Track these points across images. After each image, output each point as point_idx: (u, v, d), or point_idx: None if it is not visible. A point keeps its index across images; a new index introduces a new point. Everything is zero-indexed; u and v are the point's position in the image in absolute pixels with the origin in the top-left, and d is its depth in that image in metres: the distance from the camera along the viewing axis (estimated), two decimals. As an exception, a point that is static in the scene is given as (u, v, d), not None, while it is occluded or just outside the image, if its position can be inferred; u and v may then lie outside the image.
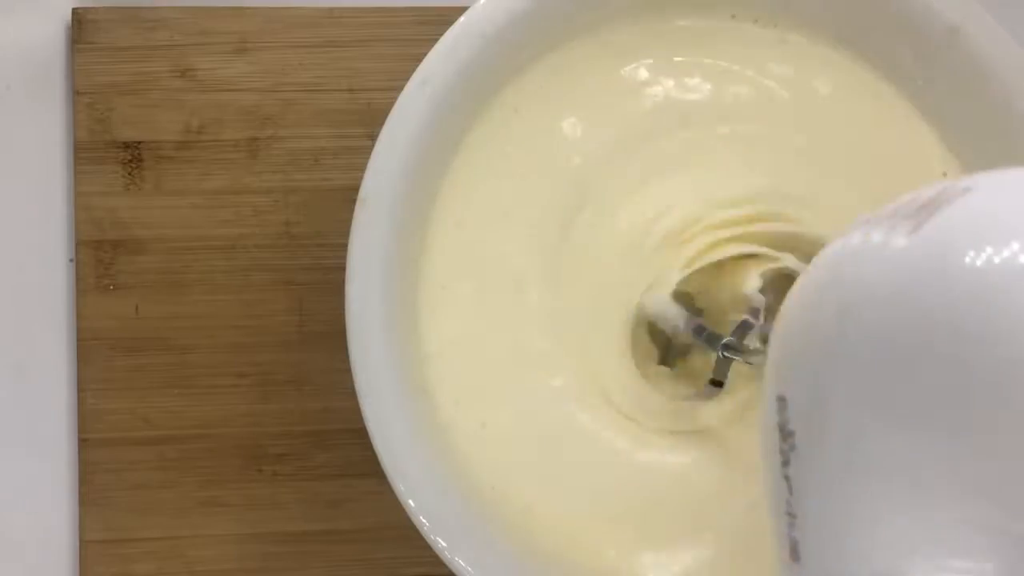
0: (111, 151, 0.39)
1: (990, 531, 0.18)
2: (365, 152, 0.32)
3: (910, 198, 0.21)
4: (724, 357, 0.32)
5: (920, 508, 0.19)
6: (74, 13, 0.39)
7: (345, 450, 0.39)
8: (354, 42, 0.40)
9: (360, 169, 0.32)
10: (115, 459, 0.39)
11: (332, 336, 0.37)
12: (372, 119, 0.40)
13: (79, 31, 0.39)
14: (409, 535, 0.31)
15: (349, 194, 0.32)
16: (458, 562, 0.31)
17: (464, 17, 0.32)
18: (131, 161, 0.39)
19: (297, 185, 0.40)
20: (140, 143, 0.39)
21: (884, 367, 0.19)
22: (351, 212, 0.31)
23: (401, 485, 0.31)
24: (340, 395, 0.39)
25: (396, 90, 0.32)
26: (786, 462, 0.21)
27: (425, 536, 0.31)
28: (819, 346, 0.20)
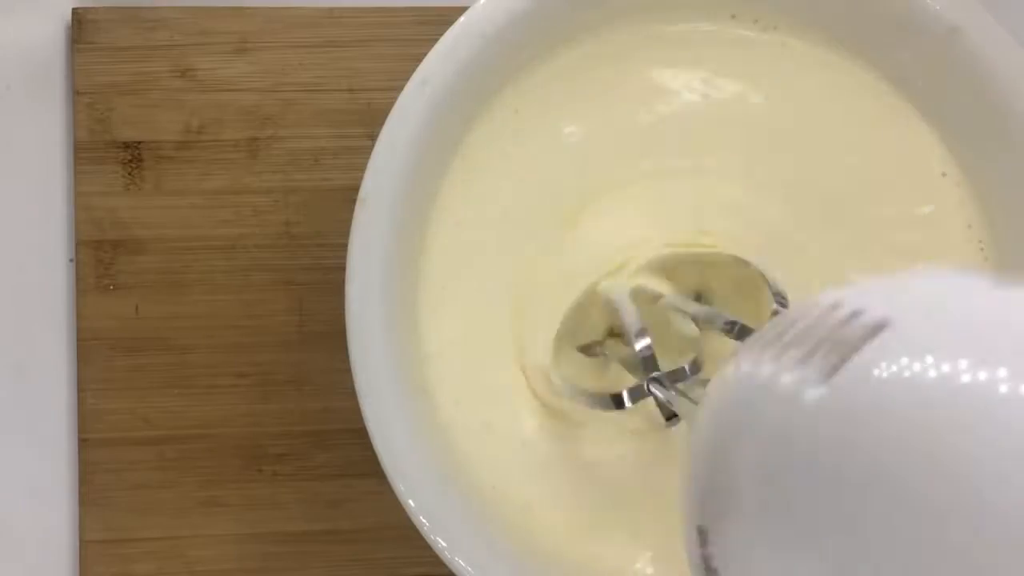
0: (111, 151, 0.39)
1: None
2: (365, 152, 0.32)
3: (801, 323, 0.19)
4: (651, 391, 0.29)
5: None
6: (74, 13, 0.39)
7: (345, 450, 0.39)
8: (354, 42, 0.40)
9: (360, 169, 0.32)
10: (115, 459, 0.39)
11: (332, 336, 0.37)
12: (372, 119, 0.40)
13: (79, 31, 0.39)
14: (409, 535, 0.31)
15: (349, 194, 0.32)
16: (458, 562, 0.31)
17: (464, 17, 0.32)
18: (131, 161, 0.39)
19: (297, 185, 0.40)
20: (140, 143, 0.39)
21: (808, 514, 0.18)
22: (351, 212, 0.31)
23: (401, 485, 0.31)
24: (340, 395, 0.39)
25: (396, 90, 0.32)
26: None
27: (425, 536, 0.31)
28: (734, 493, 0.19)
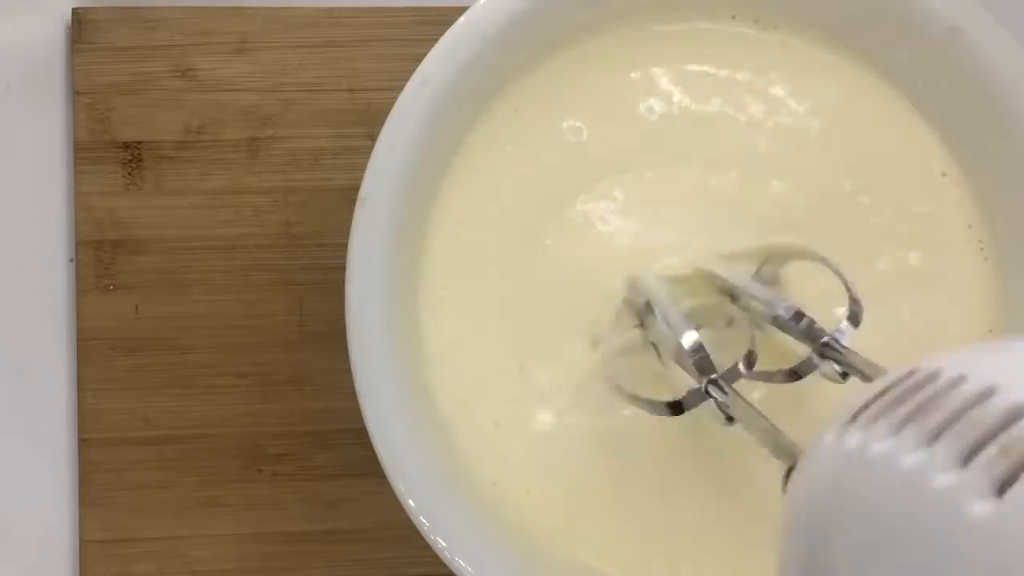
0: (111, 151, 0.39)
1: None
2: (365, 152, 0.32)
3: (908, 393, 0.19)
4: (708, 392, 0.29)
5: None
6: (74, 13, 0.39)
7: (345, 450, 0.39)
8: (354, 42, 0.40)
9: (360, 169, 0.32)
10: (115, 459, 0.39)
11: (332, 336, 0.37)
12: (372, 119, 0.40)
13: (79, 31, 0.39)
14: (409, 535, 0.31)
15: (349, 194, 0.32)
16: (458, 562, 0.31)
17: (464, 17, 0.32)
18: (131, 161, 0.39)
19: (297, 185, 0.40)
20: (140, 143, 0.39)
21: None
22: (351, 212, 0.31)
23: (401, 485, 0.31)
24: (340, 395, 0.39)
25: (396, 90, 0.32)
26: None
27: (425, 536, 0.31)
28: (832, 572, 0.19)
